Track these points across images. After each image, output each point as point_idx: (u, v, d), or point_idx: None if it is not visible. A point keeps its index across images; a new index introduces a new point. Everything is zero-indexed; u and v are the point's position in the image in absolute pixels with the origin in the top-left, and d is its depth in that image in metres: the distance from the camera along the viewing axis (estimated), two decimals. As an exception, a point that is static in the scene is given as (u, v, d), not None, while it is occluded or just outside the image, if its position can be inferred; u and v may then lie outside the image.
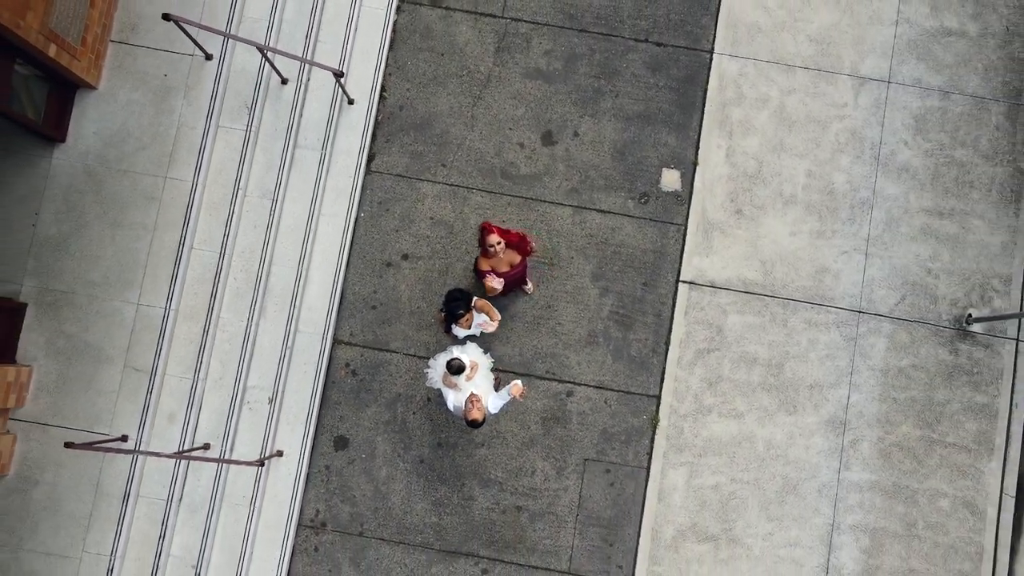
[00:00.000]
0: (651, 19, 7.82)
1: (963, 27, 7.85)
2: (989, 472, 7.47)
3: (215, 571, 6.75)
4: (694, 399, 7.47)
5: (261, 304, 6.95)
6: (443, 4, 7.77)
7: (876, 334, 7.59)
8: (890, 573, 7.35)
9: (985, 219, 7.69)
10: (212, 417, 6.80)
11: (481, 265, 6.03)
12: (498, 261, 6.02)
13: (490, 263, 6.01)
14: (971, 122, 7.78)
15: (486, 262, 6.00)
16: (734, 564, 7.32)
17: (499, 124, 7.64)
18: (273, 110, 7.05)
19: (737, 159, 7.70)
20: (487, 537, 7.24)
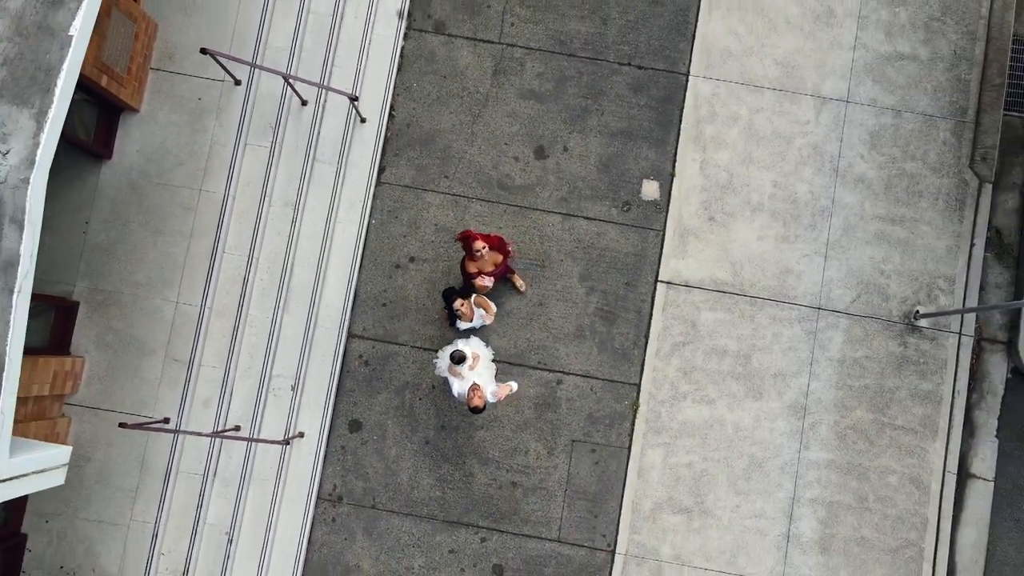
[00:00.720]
0: (633, 45, 8.85)
1: (915, 51, 8.89)
2: (933, 452, 8.52)
3: (245, 538, 7.83)
4: (671, 387, 8.52)
5: (284, 302, 8.02)
6: (445, 31, 8.80)
7: (834, 328, 8.63)
8: (844, 541, 8.42)
9: (932, 225, 8.73)
10: (242, 402, 7.88)
11: (469, 268, 7.08)
12: (484, 263, 7.08)
13: (476, 265, 7.07)
14: (921, 138, 8.81)
15: (473, 265, 7.05)
16: (705, 533, 8.38)
17: (496, 140, 8.68)
18: (294, 129, 8.10)
19: (710, 171, 8.74)
20: (485, 509, 8.31)
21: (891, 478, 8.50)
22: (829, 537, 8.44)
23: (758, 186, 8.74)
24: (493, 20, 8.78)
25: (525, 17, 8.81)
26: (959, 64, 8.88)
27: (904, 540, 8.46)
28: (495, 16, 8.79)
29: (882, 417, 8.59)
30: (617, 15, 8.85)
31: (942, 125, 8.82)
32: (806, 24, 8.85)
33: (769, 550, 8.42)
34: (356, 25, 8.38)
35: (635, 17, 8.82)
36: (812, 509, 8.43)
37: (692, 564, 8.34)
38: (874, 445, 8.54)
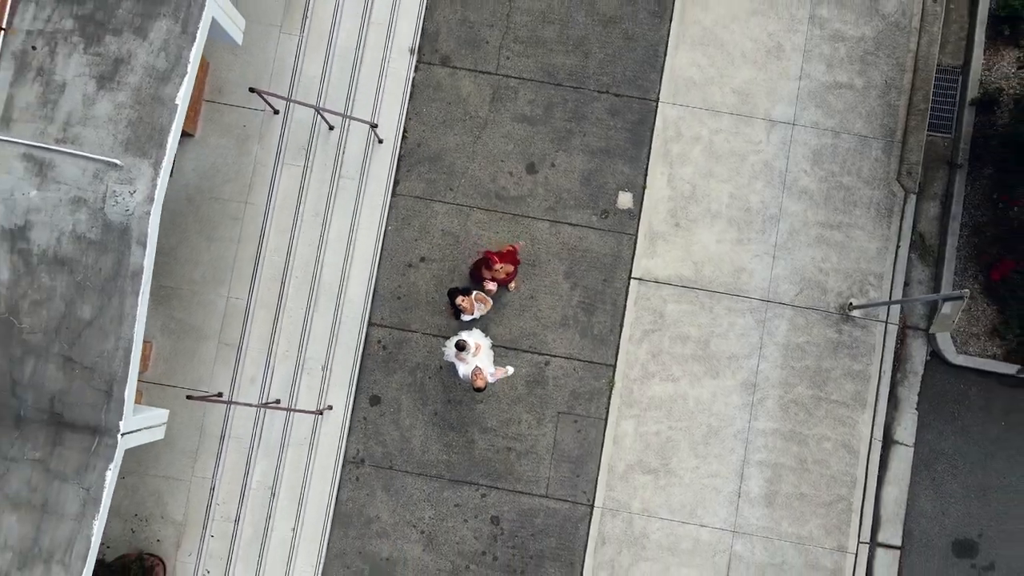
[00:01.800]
0: (611, 75, 10.70)
1: (852, 81, 10.74)
2: (862, 422, 10.44)
3: (285, 492, 9.78)
4: (641, 367, 10.42)
5: (316, 296, 9.93)
6: (450, 64, 10.65)
7: (780, 318, 10.52)
8: (786, 496, 10.35)
9: (865, 230, 10.61)
10: (281, 379, 9.80)
11: (484, 274, 8.93)
12: (497, 273, 8.95)
13: (491, 274, 8.94)
14: (856, 155, 10.68)
15: (488, 273, 8.92)
16: (670, 490, 10.32)
17: (493, 157, 10.55)
18: (323, 150, 9.98)
19: (676, 184, 10.61)
20: (484, 470, 10.24)
21: (826, 444, 10.40)
22: (774, 493, 10.33)
23: (717, 197, 10.59)
24: (491, 54, 10.61)
25: (518, 52, 10.63)
26: (889, 92, 10.71)
27: (837, 496, 10.36)
28: (493, 51, 10.61)
29: (820, 393, 10.46)
30: (597, 50, 10.67)
31: (874, 144, 10.65)
32: (759, 57, 10.67)
33: (723, 504, 10.33)
34: (374, 60, 10.21)
35: (612, 52, 10.64)
36: (760, 470, 10.32)
37: (658, 516, 10.26)
38: (812, 416, 10.42)
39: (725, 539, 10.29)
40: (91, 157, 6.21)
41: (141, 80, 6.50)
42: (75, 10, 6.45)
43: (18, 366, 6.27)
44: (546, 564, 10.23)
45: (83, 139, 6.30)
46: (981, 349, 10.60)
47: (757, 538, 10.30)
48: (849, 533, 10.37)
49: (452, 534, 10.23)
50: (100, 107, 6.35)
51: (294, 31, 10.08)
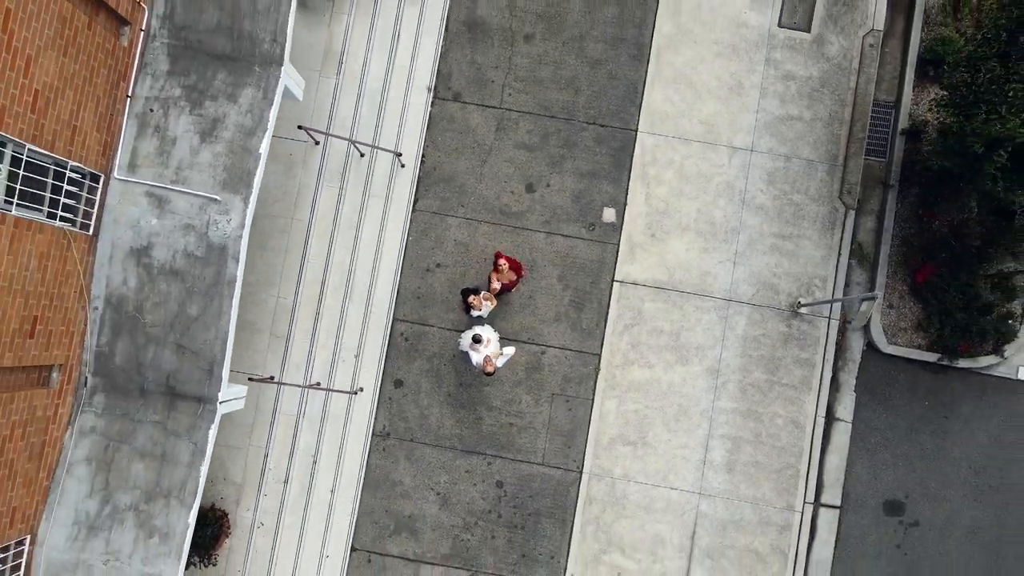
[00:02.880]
0: (597, 109, 13.03)
1: (801, 114, 13.07)
2: (808, 402, 12.79)
3: (324, 459, 12.15)
4: (622, 356, 12.76)
5: (350, 295, 12.29)
6: (461, 100, 12.98)
7: (739, 314, 12.86)
8: (744, 464, 12.71)
9: (811, 240, 12.94)
10: (321, 365, 12.17)
11: (493, 278, 11.27)
12: (503, 276, 11.31)
13: (497, 276, 11.29)
14: (804, 177, 13.00)
15: (496, 276, 11.27)
16: (646, 459, 12.67)
17: (498, 179, 12.88)
18: (356, 173, 12.32)
19: (652, 201, 12.94)
20: (491, 442, 12.60)
21: (778, 420, 12.76)
22: (733, 462, 12.70)
23: (686, 212, 12.93)
24: (495, 91, 12.95)
25: (519, 89, 12.97)
26: (833, 123, 13.05)
27: (786, 463, 12.73)
28: (497, 88, 12.96)
29: (772, 377, 12.82)
30: (585, 88, 13.01)
31: (819, 167, 13.00)
32: (722, 94, 13.01)
33: (691, 470, 12.70)
34: (398, 98, 12.56)
35: (598, 89, 12.98)
36: (722, 442, 12.69)
37: (636, 480, 12.63)
38: (767, 397, 12.78)
39: (692, 500, 12.65)
40: (197, 194, 8.55)
41: (233, 135, 8.83)
42: (182, 81, 8.79)
43: (143, 351, 8.62)
44: (542, 521, 12.60)
45: (191, 180, 8.64)
46: (908, 340, 12.96)
47: (719, 499, 12.66)
48: (796, 495, 12.72)
49: (463, 496, 12.59)
50: (203, 156, 8.69)
51: (331, 75, 12.43)
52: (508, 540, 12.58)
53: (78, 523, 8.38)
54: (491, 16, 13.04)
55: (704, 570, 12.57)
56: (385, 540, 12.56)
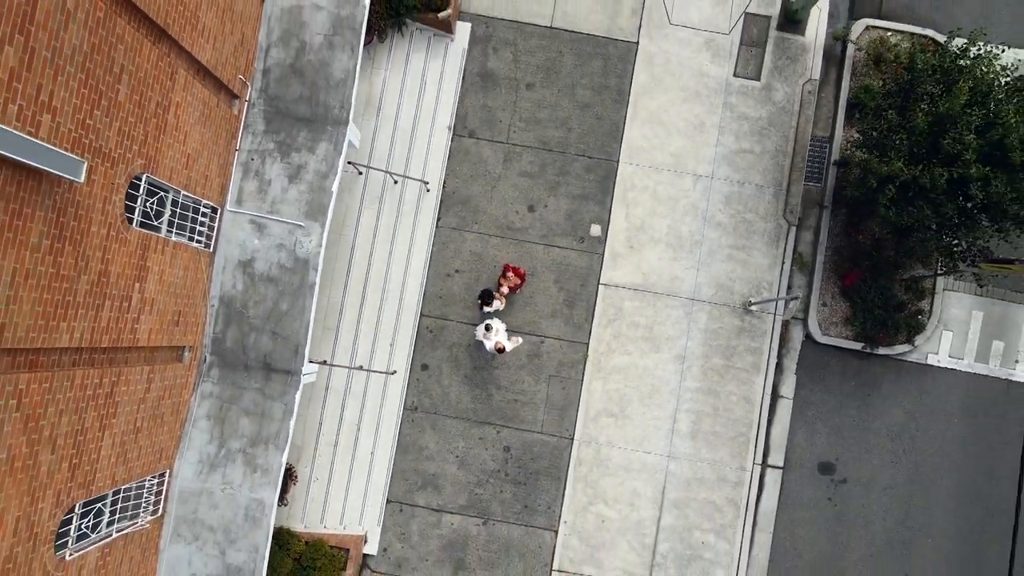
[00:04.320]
0: (586, 144, 16.62)
1: (752, 148, 16.66)
2: (757, 382, 16.37)
3: (365, 427, 15.75)
4: (606, 345, 16.34)
5: (385, 295, 15.89)
6: (475, 136, 16.56)
7: (701, 311, 16.44)
8: (705, 433, 16.30)
9: (760, 251, 16.52)
10: (363, 352, 15.76)
11: (500, 281, 14.89)
12: (509, 281, 14.92)
13: (505, 282, 14.90)
14: (755, 199, 16.58)
15: (504, 281, 14.88)
16: (625, 428, 16.26)
17: (505, 201, 16.46)
18: (390, 197, 15.92)
19: (631, 219, 16.52)
20: (499, 415, 16.19)
21: (733, 397, 16.33)
22: (696, 430, 16.27)
23: (659, 228, 16.51)
24: (503, 129, 16.55)
25: (522, 128, 16.56)
26: (778, 155, 16.64)
27: (739, 432, 16.30)
28: (504, 127, 16.55)
29: (728, 363, 16.38)
30: (576, 126, 16.60)
31: (767, 191, 16.57)
32: (688, 131, 16.61)
33: (662, 438, 16.27)
34: (423, 135, 16.16)
35: (587, 128, 16.58)
36: (687, 415, 16.26)
37: (617, 446, 16.21)
38: (724, 378, 16.35)
39: (663, 461, 16.23)
40: (287, 222, 12.15)
41: (312, 177, 12.43)
42: (275, 137, 12.39)
43: (247, 337, 12.22)
44: (541, 478, 16.19)
45: (282, 211, 12.25)
46: (838, 332, 16.57)
47: (684, 461, 16.25)
48: (747, 457, 16.30)
49: (477, 458, 16.18)
50: (290, 193, 12.29)
51: (371, 118, 16.04)
52: (513, 494, 16.18)
53: (202, 461, 12.00)
54: (500, 68, 16.65)
55: (672, 518, 16.18)
56: (414, 493, 16.16)
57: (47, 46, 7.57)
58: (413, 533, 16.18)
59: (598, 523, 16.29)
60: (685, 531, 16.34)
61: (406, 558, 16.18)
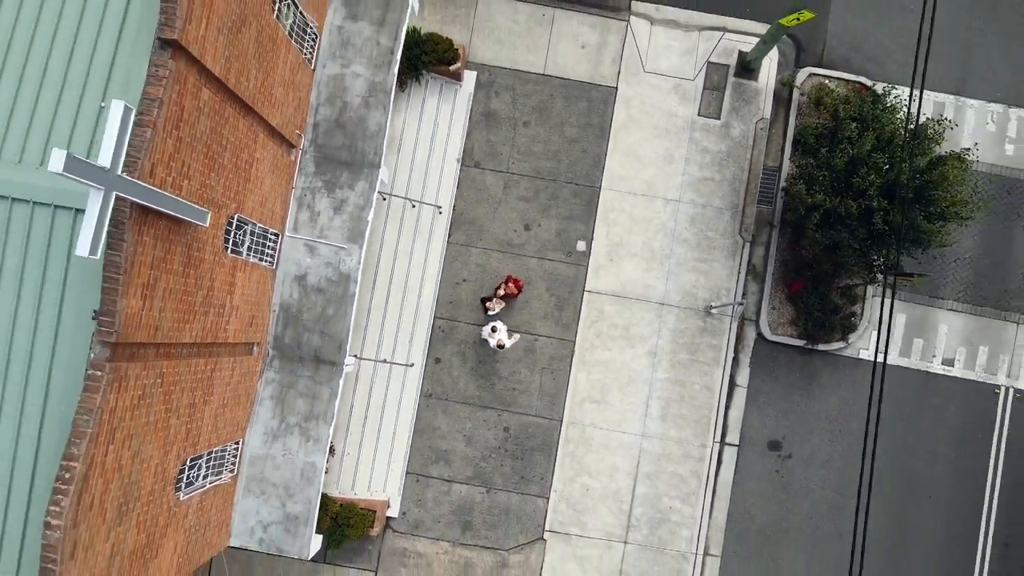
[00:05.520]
0: (574, 172, 20.39)
1: (713, 176, 20.43)
2: (717, 374, 20.16)
3: (388, 411, 19.59)
4: (590, 342, 20.13)
5: (404, 301, 19.69)
6: (480, 167, 20.33)
7: (671, 314, 20.22)
8: (673, 416, 20.09)
9: (720, 263, 20.30)
10: (387, 347, 19.58)
11: (499, 289, 18.68)
12: (510, 289, 18.70)
13: (504, 288, 18.69)
14: (716, 219, 20.34)
15: (503, 288, 18.67)
16: (606, 412, 20.06)
17: (505, 221, 20.24)
18: (409, 219, 19.70)
19: (611, 236, 20.30)
20: (500, 401, 19.98)
21: (696, 386, 20.11)
22: (666, 414, 20.05)
23: (635, 244, 20.27)
24: (504, 161, 20.31)
25: (519, 159, 20.33)
26: (735, 182, 20.39)
27: (702, 415, 20.08)
28: (504, 159, 20.31)
29: (693, 357, 20.16)
30: (565, 158, 20.37)
31: (726, 213, 20.32)
32: (659, 162, 20.37)
33: (637, 421, 20.05)
34: (436, 166, 19.95)
35: (574, 159, 20.35)
36: (657, 401, 20.04)
37: (599, 427, 19.98)
38: (689, 371, 20.12)
39: (637, 440, 19.98)
40: (332, 244, 15.91)
41: (352, 209, 16.19)
42: (322, 178, 16.15)
43: (301, 335, 15.99)
44: (535, 454, 19.94)
45: (329, 236, 16.01)
46: (785, 332, 20.31)
47: (655, 439, 20.00)
48: (708, 436, 20.05)
49: (481, 437, 19.94)
50: (335, 222, 16.05)
51: (393, 153, 19.82)
52: (512, 467, 19.93)
53: (266, 433, 15.77)
54: (500, 109, 20.40)
55: (645, 487, 19.94)
56: (429, 467, 19.92)
57: (188, 134, 11.30)
58: (428, 500, 19.96)
59: (583, 491, 20.05)
60: (656, 498, 20.11)
61: (422, 520, 19.95)
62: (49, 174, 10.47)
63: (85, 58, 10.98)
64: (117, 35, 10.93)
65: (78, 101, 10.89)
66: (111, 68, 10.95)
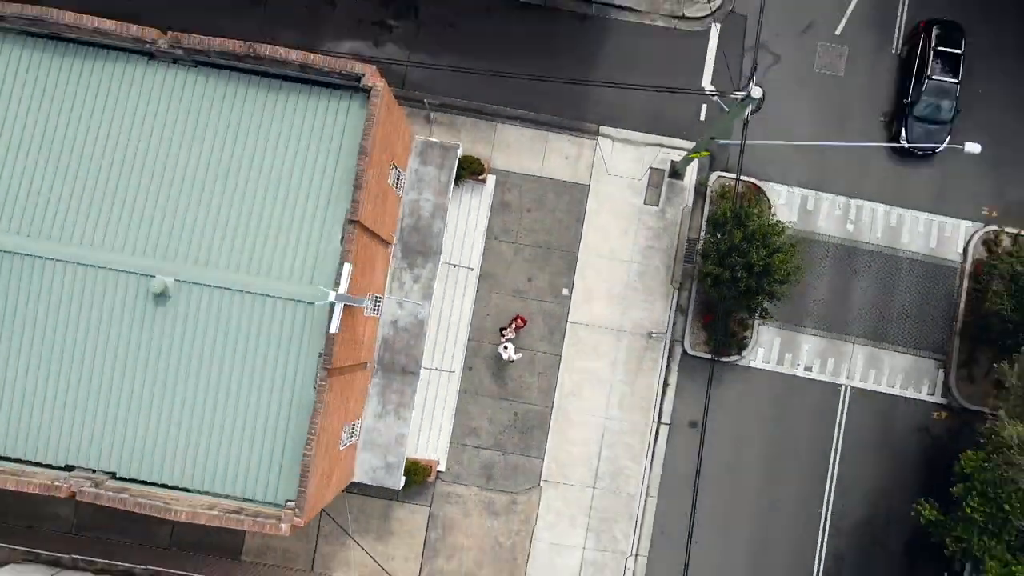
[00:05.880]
0: (561, 242, 31.79)
1: (655, 244, 31.88)
2: (655, 377, 31.65)
3: (438, 401, 30.59)
4: (571, 356, 31.48)
5: (449, 329, 30.70)
6: (498, 239, 31.54)
7: (625, 337, 31.59)
8: (626, 404, 31.66)
9: (659, 304, 31.90)
10: (438, 359, 30.58)
11: (512, 324, 29.69)
12: (519, 324, 29.72)
13: (515, 322, 29.70)
14: (656, 274, 31.84)
15: (513, 322, 29.68)
16: (582, 402, 31.82)
17: (515, 276, 31.64)
18: (452, 277, 30.71)
19: (586, 285, 31.74)
20: (511, 394, 31.41)
21: (642, 385, 31.81)
22: (622, 403, 31.86)
23: (603, 290, 31.59)
24: (513, 235, 31.58)
25: (524, 234, 31.73)
26: (670, 248, 31.68)
27: (646, 404, 32.03)
28: (514, 233, 31.60)
29: (640, 366, 31.75)
30: (555, 233, 31.76)
31: (663, 269, 31.65)
32: (619, 235, 31.71)
33: (602, 408, 31.78)
34: (469, 240, 31.05)
35: (561, 234, 31.87)
36: (617, 395, 31.88)
37: (577, 412, 31.37)
38: (637, 376, 31.93)
39: (602, 421, 31.28)
40: (413, 302, 26.83)
41: (424, 281, 27.19)
42: (406, 261, 27.07)
43: (394, 356, 27.01)
44: (534, 431, 31.29)
45: (410, 296, 26.96)
46: (701, 349, 31.68)
47: (615, 421, 31.23)
48: (651, 419, 31.32)
49: (499, 419, 31.16)
50: (414, 288, 27.00)
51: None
52: (519, 439, 31.07)
53: (375, 414, 26.79)
54: (511, 200, 31.45)
55: (607, 452, 31.15)
56: (464, 438, 31.13)
57: (360, 260, 22.13)
58: (464, 460, 31.04)
59: (566, 455, 31.17)
60: (614, 459, 31.22)
61: (460, 473, 31.07)
62: (288, 284, 21.35)
63: (307, 221, 21.79)
64: (324, 212, 21.82)
65: (306, 243, 21.76)
66: (322, 227, 21.80)
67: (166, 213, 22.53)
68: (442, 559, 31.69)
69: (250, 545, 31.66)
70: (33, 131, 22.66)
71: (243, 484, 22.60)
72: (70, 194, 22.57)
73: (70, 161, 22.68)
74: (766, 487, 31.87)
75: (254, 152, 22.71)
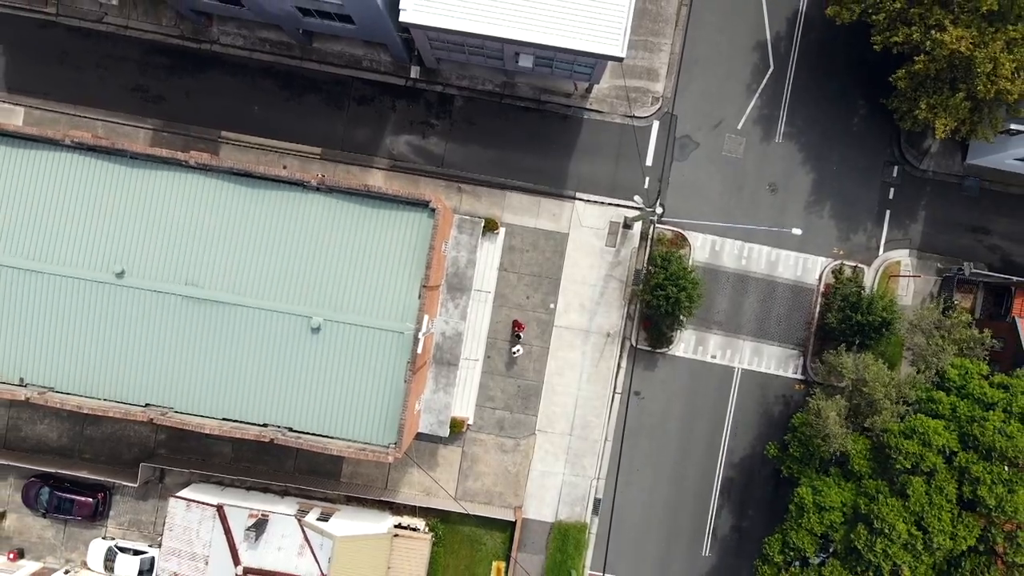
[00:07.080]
0: (548, 274, 49.76)
1: (613, 274, 50.21)
2: (612, 362, 49.83)
3: (469, 379, 48.31)
4: (555, 349, 50.35)
5: (474, 334, 48.34)
6: (507, 271, 49.13)
7: (592, 336, 50.11)
8: (594, 382, 50.10)
9: (615, 314, 49.93)
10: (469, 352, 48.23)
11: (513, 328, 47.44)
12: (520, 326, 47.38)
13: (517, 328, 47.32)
14: (609, 301, 50.31)
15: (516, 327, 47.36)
16: (563, 379, 51.95)
17: (518, 296, 51.79)
18: (474, 300, 48.13)
19: (566, 301, 51.07)
20: (515, 374, 51.41)
21: (604, 368, 49.77)
22: (590, 380, 51.64)
23: (576, 304, 50.71)
24: (517, 268, 49.55)
25: (524, 267, 51.07)
26: (623, 277, 50.49)
27: (607, 381, 50.69)
28: (517, 267, 50.16)
29: (602, 355, 51.56)
30: (545, 267, 49.71)
31: (618, 291, 49.50)
32: (588, 268, 50.07)
33: (575, 383, 50.25)
34: (487, 273, 48.65)
35: (548, 269, 49.50)
36: (587, 376, 50.67)
37: (560, 387, 49.38)
38: (599, 363, 51.04)
39: (576, 391, 50.11)
40: (454, 320, 44.05)
41: (461, 308, 44.37)
42: (448, 295, 44.39)
43: (443, 353, 44.43)
44: (531, 398, 51.31)
45: (452, 317, 44.34)
46: (644, 344, 50.13)
47: (585, 391, 50.67)
48: (609, 389, 51.35)
49: (507, 390, 51.22)
50: (455, 312, 44.43)
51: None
52: (521, 403, 49.67)
53: (432, 389, 44.89)
54: (516, 245, 50.29)
55: (580, 412, 50.48)
56: (484, 402, 50.58)
57: (426, 304, 39.37)
58: (484, 417, 49.42)
59: (552, 413, 49.78)
60: (584, 416, 49.81)
61: (482, 425, 49.74)
62: (389, 321, 38.70)
63: (399, 284, 38.97)
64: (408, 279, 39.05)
65: (399, 297, 39.10)
66: (407, 288, 38.98)
67: (316, 281, 43.69)
68: (470, 480, 50.11)
69: (345, 472, 50.09)
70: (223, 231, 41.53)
71: (365, 433, 42.06)
72: (271, 274, 43.12)
73: (271, 259, 41.97)
74: (683, 434, 50.12)
75: (366, 243, 41.55)
